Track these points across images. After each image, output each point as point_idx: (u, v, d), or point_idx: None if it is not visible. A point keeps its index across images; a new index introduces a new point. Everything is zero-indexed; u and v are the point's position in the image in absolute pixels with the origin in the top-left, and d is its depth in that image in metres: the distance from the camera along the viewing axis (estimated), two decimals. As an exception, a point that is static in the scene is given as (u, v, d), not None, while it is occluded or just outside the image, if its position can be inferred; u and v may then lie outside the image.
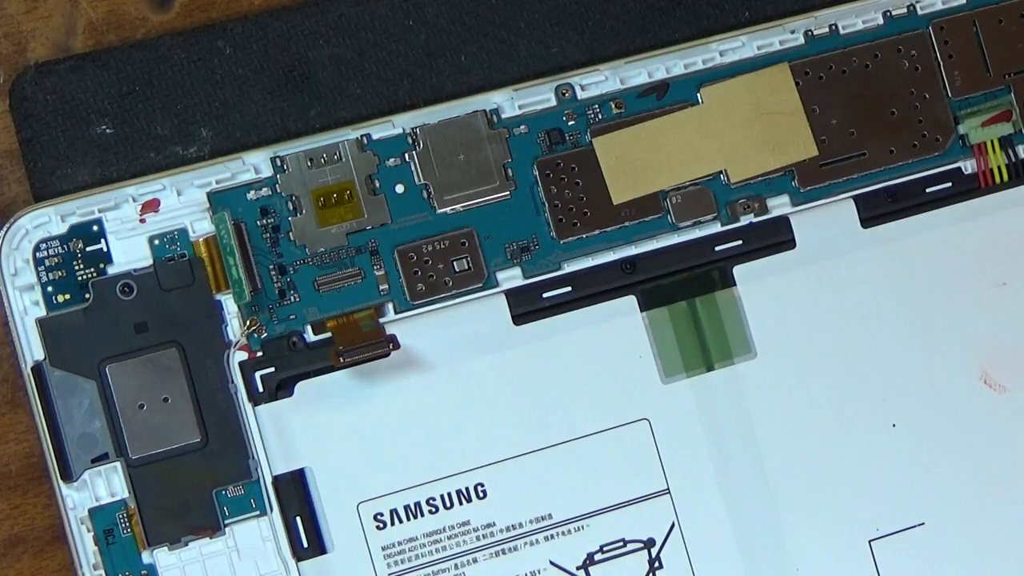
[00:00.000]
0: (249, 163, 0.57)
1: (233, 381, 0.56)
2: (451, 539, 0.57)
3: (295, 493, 0.57)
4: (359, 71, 0.59)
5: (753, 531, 0.59)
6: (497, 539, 0.58)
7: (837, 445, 0.59)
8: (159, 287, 0.56)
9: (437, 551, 0.57)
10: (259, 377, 0.57)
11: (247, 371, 0.57)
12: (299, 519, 0.57)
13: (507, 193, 0.58)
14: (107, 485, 0.55)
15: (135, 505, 0.55)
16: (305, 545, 0.57)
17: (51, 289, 0.56)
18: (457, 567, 0.57)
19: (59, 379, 0.55)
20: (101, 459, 0.56)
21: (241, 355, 0.57)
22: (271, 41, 0.58)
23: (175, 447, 0.56)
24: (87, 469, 0.55)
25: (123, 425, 0.55)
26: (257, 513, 0.56)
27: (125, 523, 0.55)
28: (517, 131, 0.59)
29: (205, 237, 0.57)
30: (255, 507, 0.56)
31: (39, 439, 0.56)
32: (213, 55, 0.58)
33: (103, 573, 0.55)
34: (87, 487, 0.55)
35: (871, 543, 0.59)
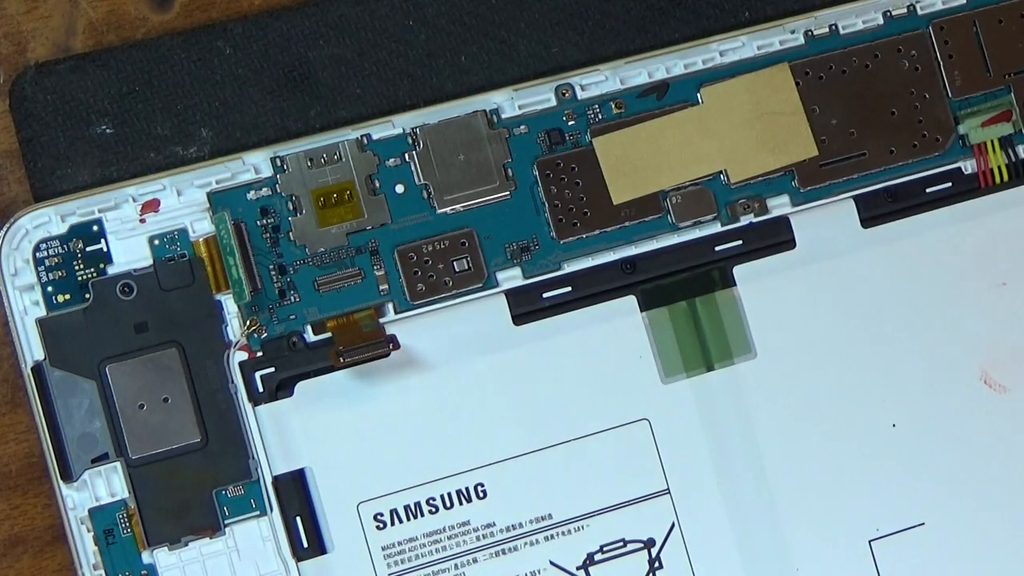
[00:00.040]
0: (249, 163, 0.57)
1: (233, 381, 0.56)
2: (451, 539, 0.57)
3: (295, 493, 0.56)
4: (359, 71, 0.59)
5: (753, 531, 0.59)
6: (497, 539, 0.58)
7: (837, 445, 0.59)
8: (159, 287, 0.56)
9: (437, 551, 0.57)
10: (259, 377, 0.57)
11: (247, 371, 0.56)
12: (299, 519, 0.57)
13: (507, 193, 0.58)
14: (107, 485, 0.55)
15: (135, 505, 0.55)
16: (305, 545, 0.57)
17: (51, 289, 0.56)
18: (457, 567, 0.57)
19: (59, 379, 0.55)
20: (101, 459, 0.56)
21: (241, 355, 0.57)
22: (271, 41, 0.58)
23: (175, 447, 0.56)
24: (87, 469, 0.55)
25: (123, 425, 0.55)
26: (257, 513, 0.56)
27: (125, 523, 0.55)
28: (517, 131, 0.58)
29: (205, 237, 0.57)
30: (255, 507, 0.56)
31: (39, 439, 0.56)
32: (213, 55, 0.58)
33: (103, 573, 0.55)
34: (87, 487, 0.55)
35: (871, 543, 0.59)
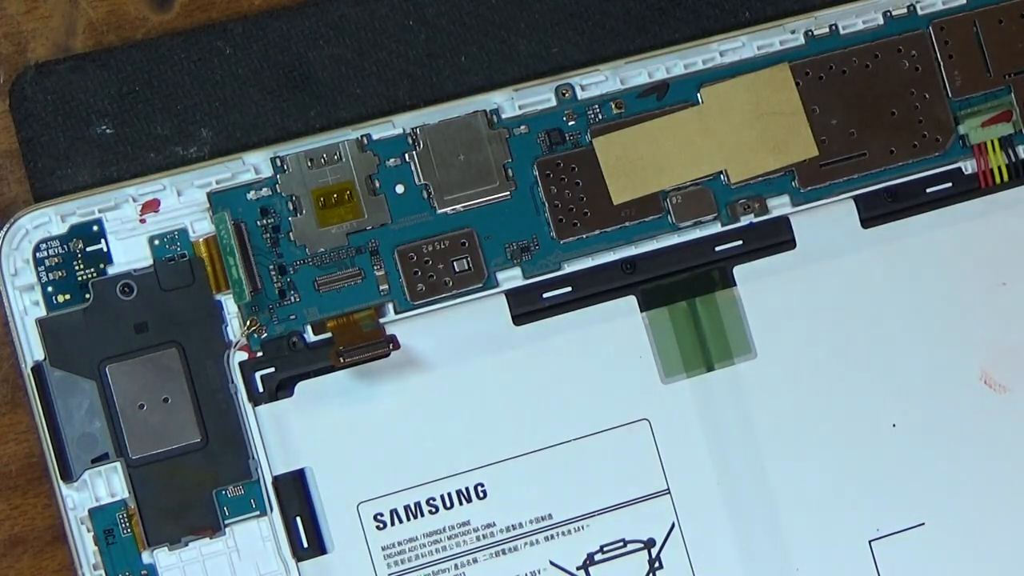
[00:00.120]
0: (249, 163, 0.57)
1: (233, 381, 0.56)
2: (451, 539, 0.57)
3: (295, 493, 0.56)
4: (359, 71, 0.59)
5: (753, 531, 0.59)
6: (497, 539, 0.58)
7: (837, 445, 0.59)
8: (159, 287, 0.56)
9: (437, 551, 0.57)
10: (259, 377, 0.57)
11: (247, 371, 0.56)
12: (299, 519, 0.57)
13: (507, 193, 0.58)
14: (107, 485, 0.55)
15: (135, 505, 0.55)
16: (305, 545, 0.57)
17: (51, 289, 0.56)
18: (457, 567, 0.57)
19: (59, 379, 0.55)
20: (101, 459, 0.56)
21: (241, 355, 0.57)
22: (271, 41, 0.58)
23: (175, 447, 0.56)
24: (87, 469, 0.55)
25: (123, 425, 0.55)
26: (257, 513, 0.56)
27: (125, 523, 0.55)
28: (517, 131, 0.58)
29: (205, 237, 0.57)
30: (255, 507, 0.56)
31: (39, 439, 0.56)
32: (213, 55, 0.58)
33: (103, 573, 0.55)
34: (87, 487, 0.55)
35: (871, 543, 0.59)
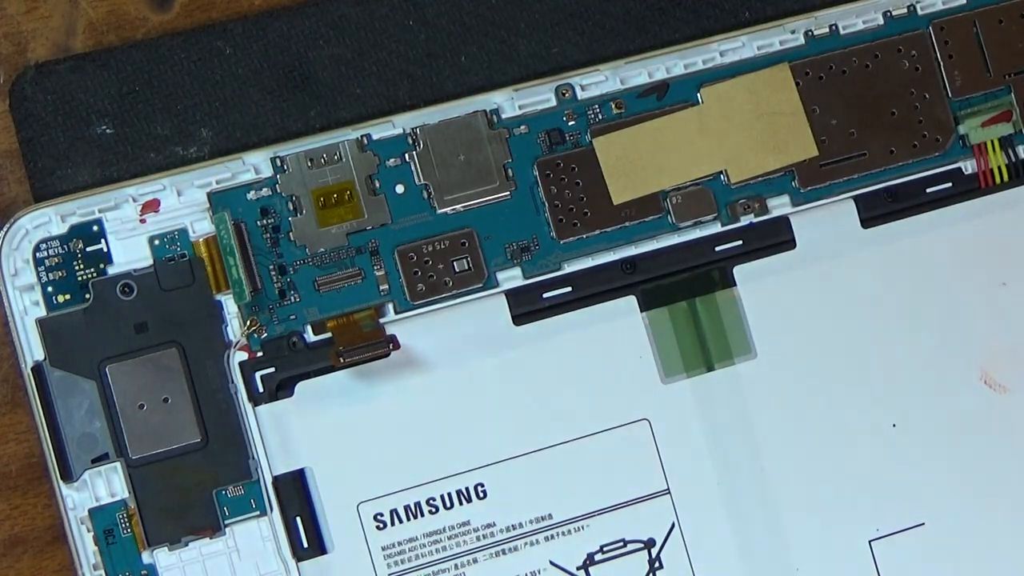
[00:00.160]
0: (249, 163, 0.57)
1: (233, 381, 0.56)
2: (451, 539, 0.57)
3: (295, 493, 0.56)
4: (359, 71, 0.59)
5: (753, 531, 0.59)
6: (497, 539, 0.58)
7: (837, 445, 0.59)
8: (159, 287, 0.56)
9: (437, 551, 0.57)
10: (259, 377, 0.57)
11: (247, 371, 0.56)
12: (299, 519, 0.57)
13: (507, 193, 0.58)
14: (107, 485, 0.55)
15: (135, 505, 0.55)
16: (305, 545, 0.57)
17: (51, 289, 0.56)
18: (457, 567, 0.57)
19: (59, 379, 0.55)
20: (101, 459, 0.56)
21: (241, 355, 0.57)
22: (271, 41, 0.58)
23: (175, 447, 0.56)
24: (87, 469, 0.55)
25: (123, 425, 0.55)
26: (257, 513, 0.56)
27: (125, 523, 0.55)
28: (517, 131, 0.58)
29: (205, 237, 0.57)
30: (255, 507, 0.56)
31: (39, 439, 0.56)
32: (213, 55, 0.58)
33: (103, 573, 0.55)
34: (87, 487, 0.55)
35: (871, 543, 0.59)
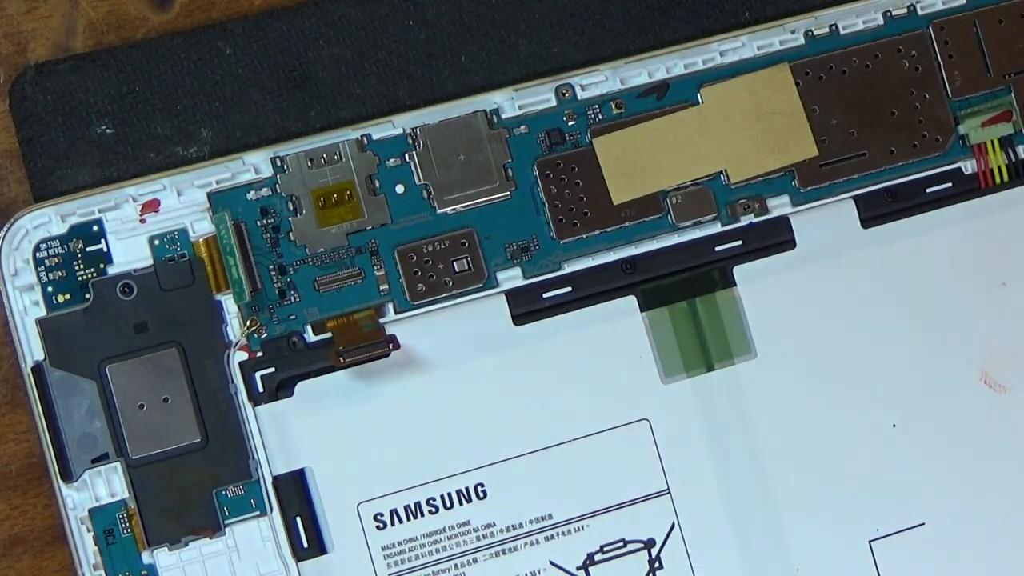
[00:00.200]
0: (249, 163, 0.57)
1: (233, 381, 0.56)
2: (451, 539, 0.57)
3: (295, 493, 0.56)
4: (359, 71, 0.59)
5: (753, 531, 0.59)
6: (497, 539, 0.58)
7: (837, 445, 0.59)
8: (159, 287, 0.56)
9: (437, 551, 0.57)
10: (259, 377, 0.57)
11: (247, 371, 0.56)
12: (299, 519, 0.57)
13: (507, 193, 0.58)
14: (107, 485, 0.55)
15: (135, 505, 0.55)
16: (305, 545, 0.57)
17: (51, 289, 0.56)
18: (457, 567, 0.57)
19: (59, 379, 0.55)
20: (101, 459, 0.56)
21: (241, 355, 0.57)
22: (271, 41, 0.58)
23: (175, 447, 0.56)
24: (87, 469, 0.55)
25: (123, 425, 0.55)
26: (257, 513, 0.56)
27: (125, 523, 0.55)
28: (517, 131, 0.58)
29: (205, 237, 0.57)
30: (255, 507, 0.56)
31: (39, 439, 0.56)
32: (213, 55, 0.58)
33: (103, 573, 0.55)
34: (87, 487, 0.55)
35: (871, 543, 0.59)
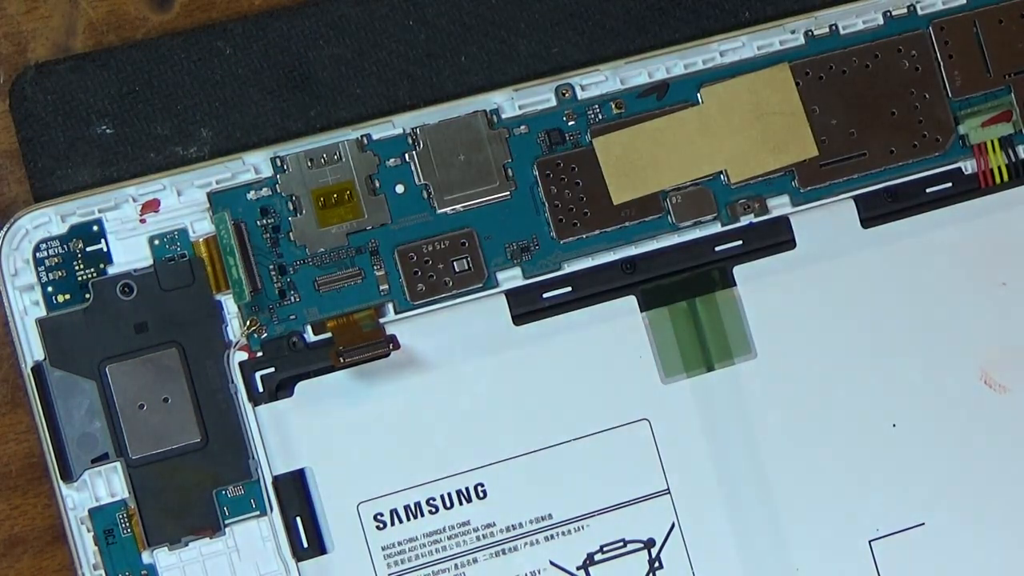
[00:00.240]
0: (249, 163, 0.57)
1: (233, 381, 0.56)
2: (451, 539, 0.57)
3: (295, 493, 0.56)
4: (359, 71, 0.59)
5: (753, 531, 0.59)
6: (497, 539, 0.58)
7: (837, 445, 0.59)
8: (159, 287, 0.56)
9: (437, 551, 0.57)
10: (259, 377, 0.57)
11: (247, 371, 0.56)
12: (299, 519, 0.57)
13: (507, 193, 0.58)
14: (107, 485, 0.55)
15: (135, 505, 0.55)
16: (305, 545, 0.57)
17: (51, 289, 0.56)
18: (457, 567, 0.57)
19: (59, 379, 0.55)
20: (101, 459, 0.56)
21: (241, 355, 0.57)
22: (271, 41, 0.58)
23: (175, 447, 0.56)
24: (87, 469, 0.55)
25: (123, 425, 0.55)
26: (257, 513, 0.56)
27: (125, 523, 0.55)
28: (517, 131, 0.58)
29: (205, 237, 0.57)
30: (255, 507, 0.56)
31: (39, 439, 0.56)
32: (213, 55, 0.58)
33: (103, 573, 0.55)
34: (87, 487, 0.55)
35: (871, 543, 0.59)
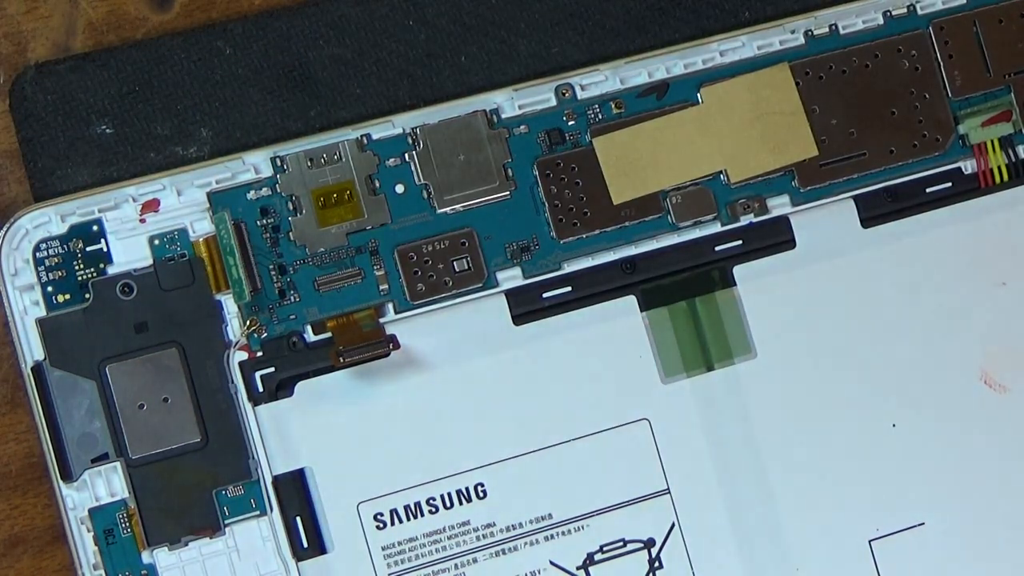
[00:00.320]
0: (249, 163, 0.57)
1: (233, 381, 0.56)
2: (451, 539, 0.57)
3: (295, 493, 0.56)
4: (359, 71, 0.59)
5: (753, 531, 0.59)
6: (497, 539, 0.58)
7: (837, 445, 0.59)
8: (159, 287, 0.56)
9: (437, 551, 0.57)
10: (259, 377, 0.57)
11: (247, 371, 0.56)
12: (299, 519, 0.57)
13: (507, 193, 0.58)
14: (107, 485, 0.55)
15: (135, 505, 0.55)
16: (305, 545, 0.57)
17: (51, 289, 0.56)
18: (457, 567, 0.57)
19: (59, 379, 0.55)
20: (101, 459, 0.56)
21: (241, 355, 0.57)
22: (271, 41, 0.58)
23: (175, 447, 0.56)
24: (87, 469, 0.55)
25: (123, 425, 0.55)
26: (257, 513, 0.56)
27: (125, 523, 0.55)
28: (517, 131, 0.58)
29: (205, 237, 0.57)
30: (255, 507, 0.56)
31: (39, 439, 0.56)
32: (213, 55, 0.58)
33: (103, 573, 0.55)
34: (87, 487, 0.55)
35: (871, 543, 0.59)
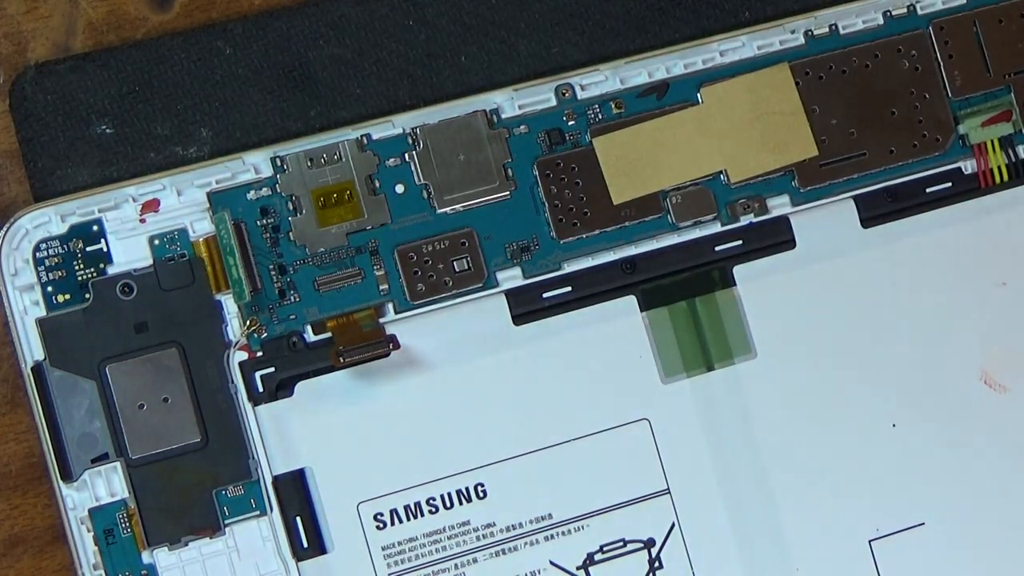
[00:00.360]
0: (249, 163, 0.57)
1: (233, 381, 0.56)
2: (451, 539, 0.57)
3: (295, 493, 0.57)
4: (359, 71, 0.59)
5: (753, 531, 0.59)
6: (497, 539, 0.58)
7: (837, 445, 0.59)
8: (159, 287, 0.56)
9: (437, 551, 0.57)
10: (259, 377, 0.57)
11: (247, 371, 0.56)
12: (299, 519, 0.57)
13: (507, 193, 0.58)
14: (107, 485, 0.55)
15: (135, 505, 0.55)
16: (305, 545, 0.57)
17: (51, 289, 0.56)
18: (457, 567, 0.57)
19: (59, 379, 0.55)
20: (101, 459, 0.56)
21: (241, 355, 0.57)
22: (271, 41, 0.58)
23: (175, 447, 0.56)
24: (87, 469, 0.55)
25: (123, 425, 0.55)
26: (257, 513, 0.56)
27: (125, 523, 0.55)
28: (517, 131, 0.58)
29: (205, 237, 0.57)
30: (255, 507, 0.56)
31: (39, 439, 0.56)
32: (213, 55, 0.58)
33: (103, 573, 0.55)
34: (87, 487, 0.55)
35: (871, 543, 0.59)
